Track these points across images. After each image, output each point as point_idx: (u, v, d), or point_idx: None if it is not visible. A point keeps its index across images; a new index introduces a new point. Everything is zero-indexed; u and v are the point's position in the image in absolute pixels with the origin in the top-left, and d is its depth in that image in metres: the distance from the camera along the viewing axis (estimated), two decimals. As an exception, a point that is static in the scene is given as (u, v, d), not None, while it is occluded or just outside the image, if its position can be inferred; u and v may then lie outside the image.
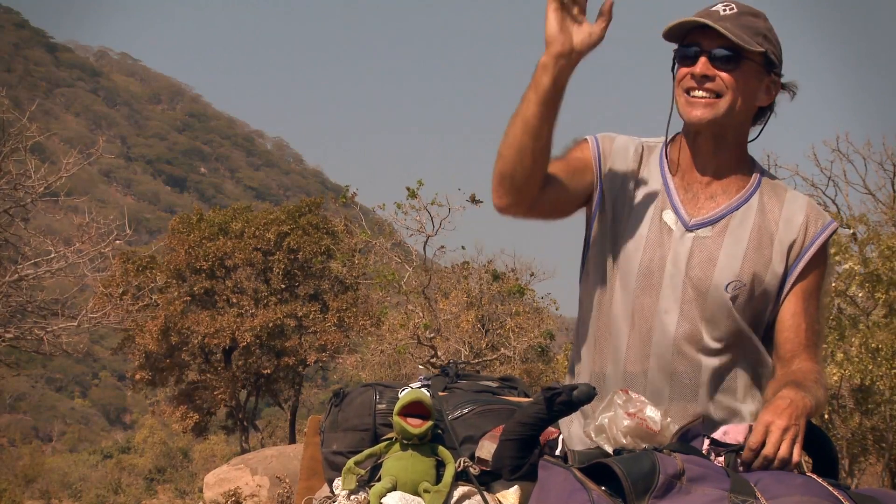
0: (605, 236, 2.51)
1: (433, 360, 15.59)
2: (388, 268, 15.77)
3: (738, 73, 2.40)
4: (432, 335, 15.77)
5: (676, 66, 2.47)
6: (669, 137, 2.55)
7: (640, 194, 2.50)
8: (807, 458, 2.41)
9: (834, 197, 17.48)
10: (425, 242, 15.15)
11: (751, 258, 2.45)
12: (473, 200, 15.11)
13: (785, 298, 2.48)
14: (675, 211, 2.47)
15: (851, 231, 13.64)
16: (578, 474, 2.11)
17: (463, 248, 31.05)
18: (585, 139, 2.56)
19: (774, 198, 2.49)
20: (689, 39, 2.43)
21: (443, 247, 17.00)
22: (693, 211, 2.48)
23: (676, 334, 2.43)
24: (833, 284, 12.66)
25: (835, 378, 11.91)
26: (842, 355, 11.66)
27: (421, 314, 16.17)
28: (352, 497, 2.49)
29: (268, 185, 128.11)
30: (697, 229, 2.46)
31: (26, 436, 54.44)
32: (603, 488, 2.07)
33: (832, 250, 12.60)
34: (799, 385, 2.34)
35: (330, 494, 2.61)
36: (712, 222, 2.46)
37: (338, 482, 2.57)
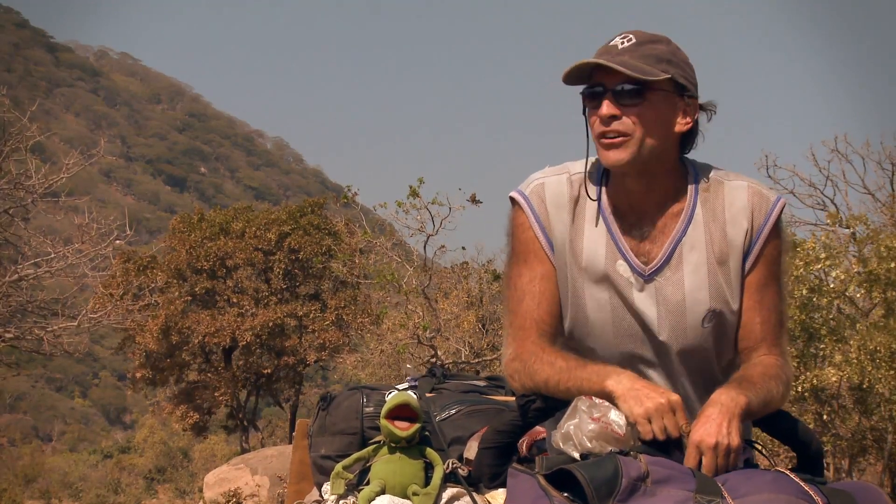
0: (566, 295, 2.42)
1: (433, 359, 15.59)
2: (389, 267, 15.74)
3: (645, 105, 2.31)
4: (432, 335, 15.76)
5: (586, 109, 2.39)
6: (598, 170, 2.43)
7: (588, 247, 2.40)
8: (791, 455, 2.41)
9: (833, 197, 17.46)
10: (426, 242, 15.13)
11: (714, 279, 2.38)
12: (474, 200, 15.07)
13: (742, 295, 2.41)
14: (628, 261, 2.38)
15: (851, 231, 13.62)
16: (542, 481, 2.11)
17: (463, 248, 31.04)
18: (519, 208, 2.44)
19: (717, 200, 2.39)
20: (594, 79, 2.35)
21: (443, 246, 16.99)
22: (644, 256, 2.38)
23: (665, 376, 2.41)
24: (832, 285, 12.64)
25: (833, 380, 11.88)
26: (840, 357, 11.64)
27: (421, 314, 16.16)
28: (341, 501, 2.50)
29: (268, 185, 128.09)
30: (655, 276, 2.38)
31: (26, 436, 54.46)
32: (566, 494, 2.07)
33: (823, 255, 12.35)
34: (741, 382, 2.29)
35: (319, 498, 2.62)
36: (667, 262, 2.37)
37: (327, 486, 2.57)
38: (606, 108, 2.33)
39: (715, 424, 2.17)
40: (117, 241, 16.53)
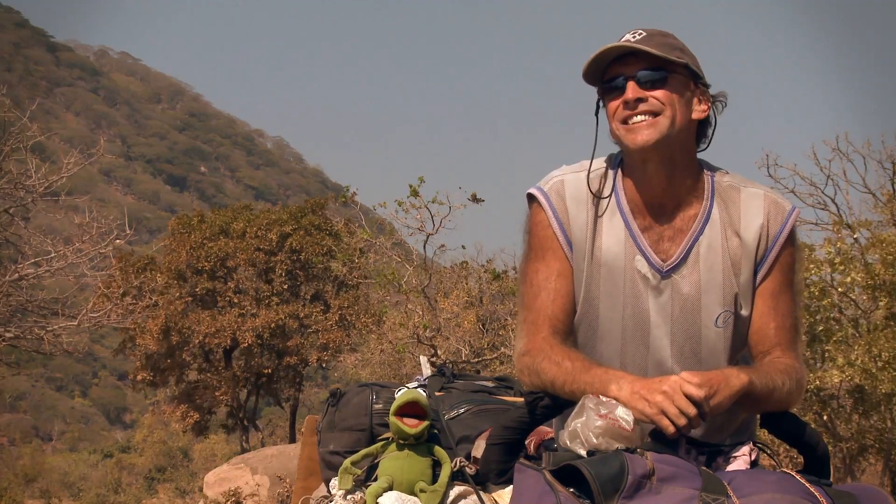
0: (579, 291, 2.43)
1: (433, 359, 15.59)
2: (389, 267, 15.73)
3: (668, 88, 2.34)
4: (432, 334, 15.75)
5: (603, 104, 2.41)
6: (614, 167, 2.45)
7: (606, 244, 2.41)
8: (797, 457, 2.41)
9: (833, 196, 17.43)
10: (425, 241, 15.11)
11: (728, 280, 2.40)
12: (474, 199, 15.04)
13: (753, 300, 2.43)
14: (646, 257, 2.40)
15: (855, 236, 13.57)
16: (548, 477, 2.12)
17: (463, 247, 30.99)
18: (538, 205, 2.45)
19: (733, 205, 2.42)
20: (609, 74, 2.38)
21: (443, 245, 17.03)
22: (662, 254, 2.40)
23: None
24: (838, 288, 12.64)
25: (835, 380, 11.88)
26: (842, 359, 11.63)
27: (421, 313, 16.15)
28: (348, 497, 2.50)
29: (268, 185, 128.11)
30: (672, 273, 2.39)
31: (26, 435, 54.35)
32: (572, 490, 2.08)
33: (838, 260, 12.33)
34: (747, 366, 2.31)
35: (327, 494, 2.62)
36: (684, 260, 2.39)
37: (335, 482, 2.58)
38: (632, 91, 2.35)
39: (708, 378, 2.18)
40: (117, 241, 16.50)
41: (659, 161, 2.37)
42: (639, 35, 2.37)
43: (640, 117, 2.34)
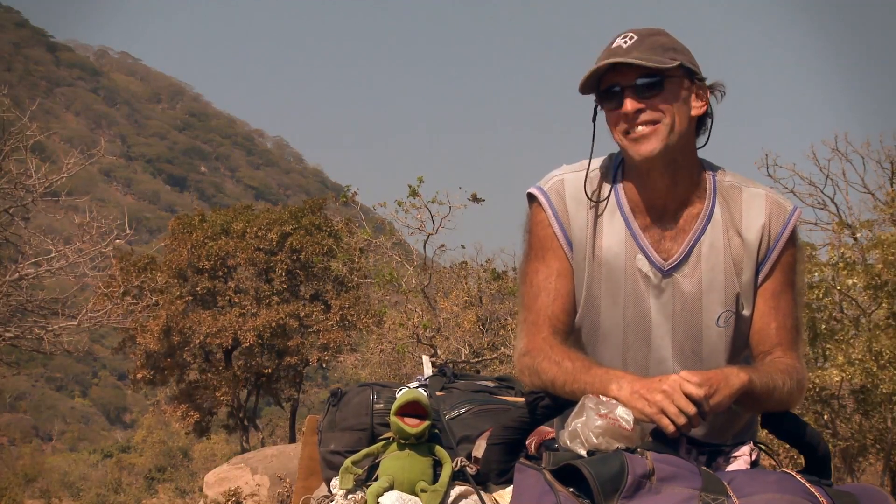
0: (580, 291, 2.43)
1: (433, 359, 15.58)
2: (389, 266, 15.72)
3: (665, 94, 2.33)
4: (432, 334, 15.74)
5: (599, 112, 2.41)
6: (614, 167, 2.45)
7: (607, 243, 2.41)
8: (798, 457, 2.41)
9: (833, 196, 17.43)
10: (425, 241, 15.10)
11: (730, 280, 2.40)
12: (475, 199, 15.04)
13: (755, 300, 2.43)
14: (647, 256, 2.39)
15: (857, 236, 13.56)
16: (548, 476, 2.12)
17: (463, 247, 30.95)
18: (538, 204, 2.45)
19: (734, 205, 2.41)
20: (606, 83, 2.37)
21: (443, 245, 17.03)
22: (663, 253, 2.39)
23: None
24: (838, 288, 12.62)
25: (836, 380, 11.86)
26: (842, 358, 11.62)
27: (420, 313, 16.14)
28: (349, 496, 2.50)
29: (268, 185, 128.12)
30: (674, 273, 2.39)
31: (26, 435, 54.33)
32: (571, 490, 2.08)
33: (841, 265, 12.32)
34: (747, 365, 2.31)
35: (328, 494, 2.62)
36: (685, 259, 2.39)
37: (335, 482, 2.58)
38: (631, 104, 2.34)
39: (708, 377, 2.19)
40: (117, 241, 16.50)
41: (663, 167, 2.37)
42: (630, 39, 2.35)
43: (641, 128, 2.34)
